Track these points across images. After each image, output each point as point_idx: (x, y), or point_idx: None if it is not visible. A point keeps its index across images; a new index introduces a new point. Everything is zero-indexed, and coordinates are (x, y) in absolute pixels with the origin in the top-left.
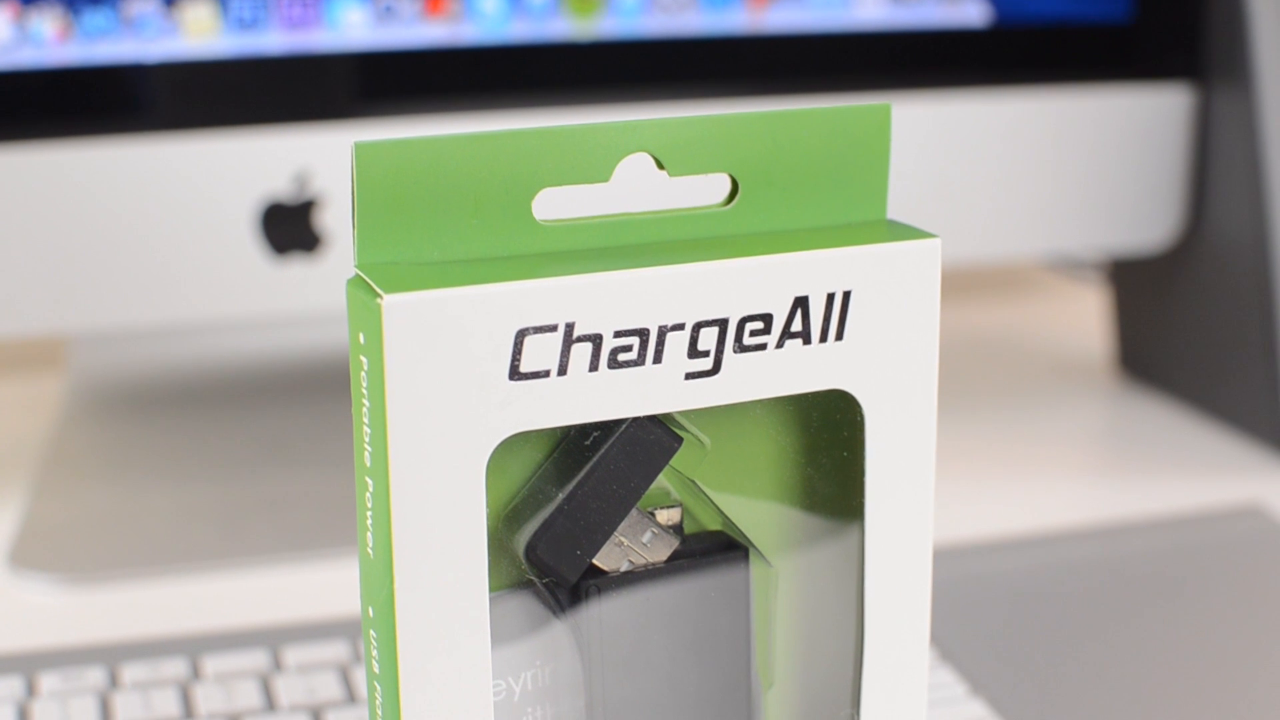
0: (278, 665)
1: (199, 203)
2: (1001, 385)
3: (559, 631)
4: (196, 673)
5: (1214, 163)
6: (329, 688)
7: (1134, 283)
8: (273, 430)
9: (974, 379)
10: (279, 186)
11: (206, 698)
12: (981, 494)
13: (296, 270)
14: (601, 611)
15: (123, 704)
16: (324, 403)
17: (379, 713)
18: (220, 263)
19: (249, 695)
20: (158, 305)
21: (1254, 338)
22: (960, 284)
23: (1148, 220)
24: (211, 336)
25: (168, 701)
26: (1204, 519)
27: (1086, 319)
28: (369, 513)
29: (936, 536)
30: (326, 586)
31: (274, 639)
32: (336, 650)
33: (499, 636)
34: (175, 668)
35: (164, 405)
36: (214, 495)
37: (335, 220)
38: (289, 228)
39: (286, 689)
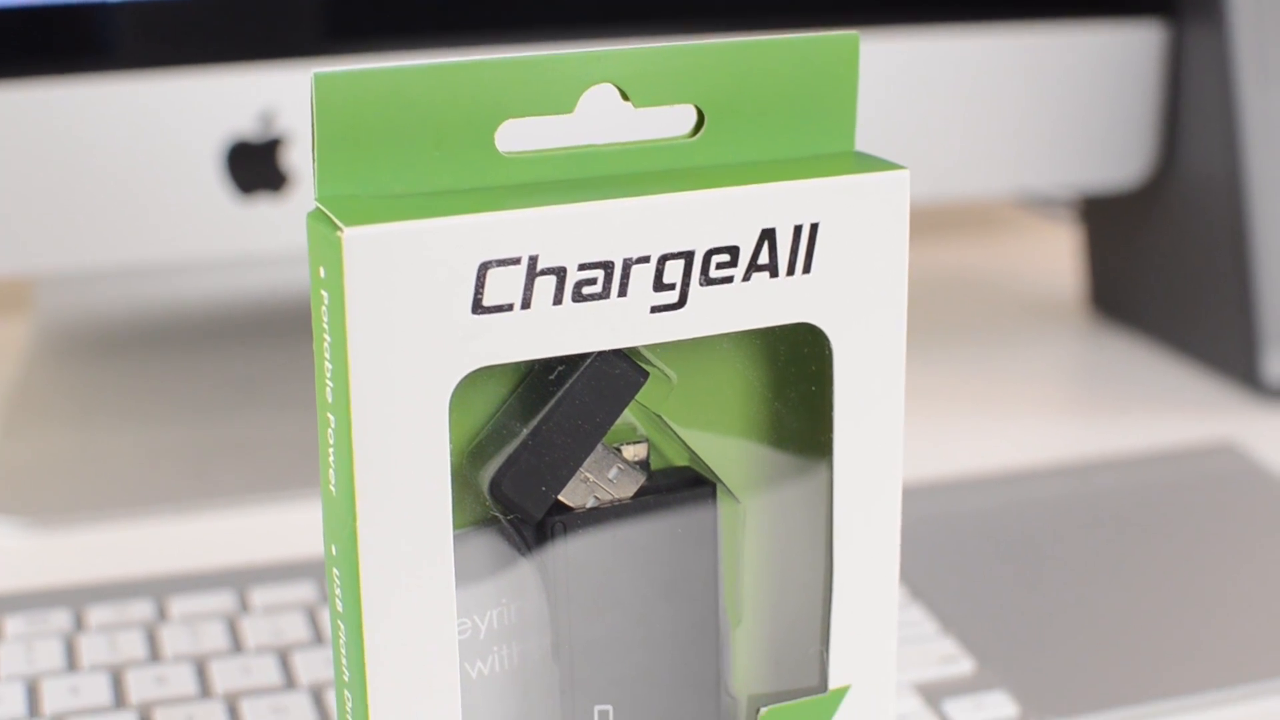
0: (244, 607)
1: (164, 142)
2: (973, 323)
3: (525, 569)
4: (163, 614)
5: (1186, 99)
6: (296, 629)
7: (1106, 220)
8: (240, 371)
9: (946, 317)
10: (244, 125)
11: (173, 639)
12: (954, 432)
13: (262, 209)
14: (567, 548)
15: (88, 646)
16: (291, 343)
17: (343, 651)
18: (186, 202)
19: (215, 637)
20: (123, 245)
21: (1226, 275)
22: (932, 222)
23: (1120, 157)
24: (178, 277)
25: (133, 644)
26: (1176, 456)
27: (1058, 257)
28: (331, 449)
29: (908, 474)
30: (294, 528)
31: (241, 580)
32: (303, 591)
33: (464, 574)
34: (141, 610)
35: (130, 347)
36: (181, 437)
37: (301, 159)
38: (255, 167)
39: (253, 630)
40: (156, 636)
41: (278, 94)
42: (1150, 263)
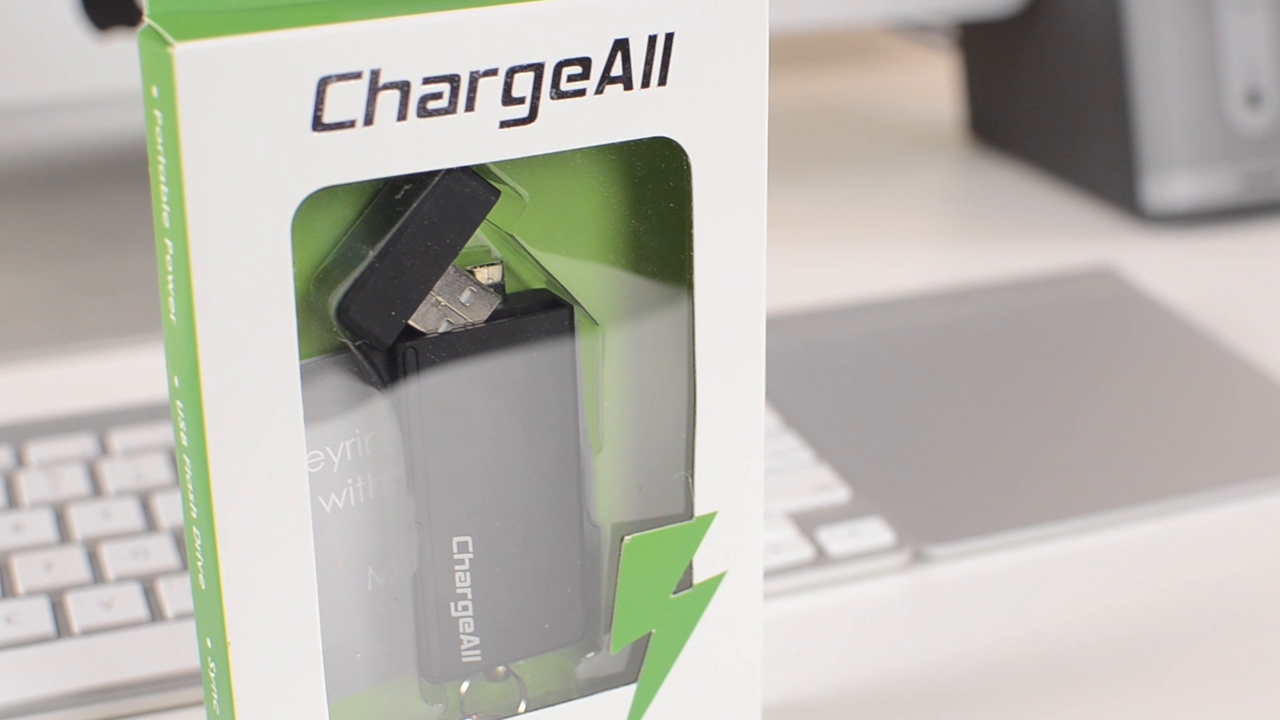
0: (104, 450)
1: None
2: (850, 153)
3: (377, 398)
4: (20, 461)
5: None
6: (157, 471)
7: (983, 47)
8: (100, 213)
9: (822, 147)
10: None
11: (30, 486)
12: (831, 260)
13: (120, 47)
14: (419, 375)
15: None
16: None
17: (189, 487)
18: (40, 41)
19: (75, 481)
20: None
21: (1104, 100)
22: (807, 52)
23: None
24: (34, 119)
25: None
26: (1055, 282)
27: (935, 85)
28: (170, 276)
29: (785, 302)
30: (155, 370)
31: (100, 424)
32: (164, 433)
33: (314, 405)
34: None
35: None
36: (40, 281)
37: None
38: (110, 2)
39: (113, 474)
40: (14, 483)
41: None
42: (1029, 90)
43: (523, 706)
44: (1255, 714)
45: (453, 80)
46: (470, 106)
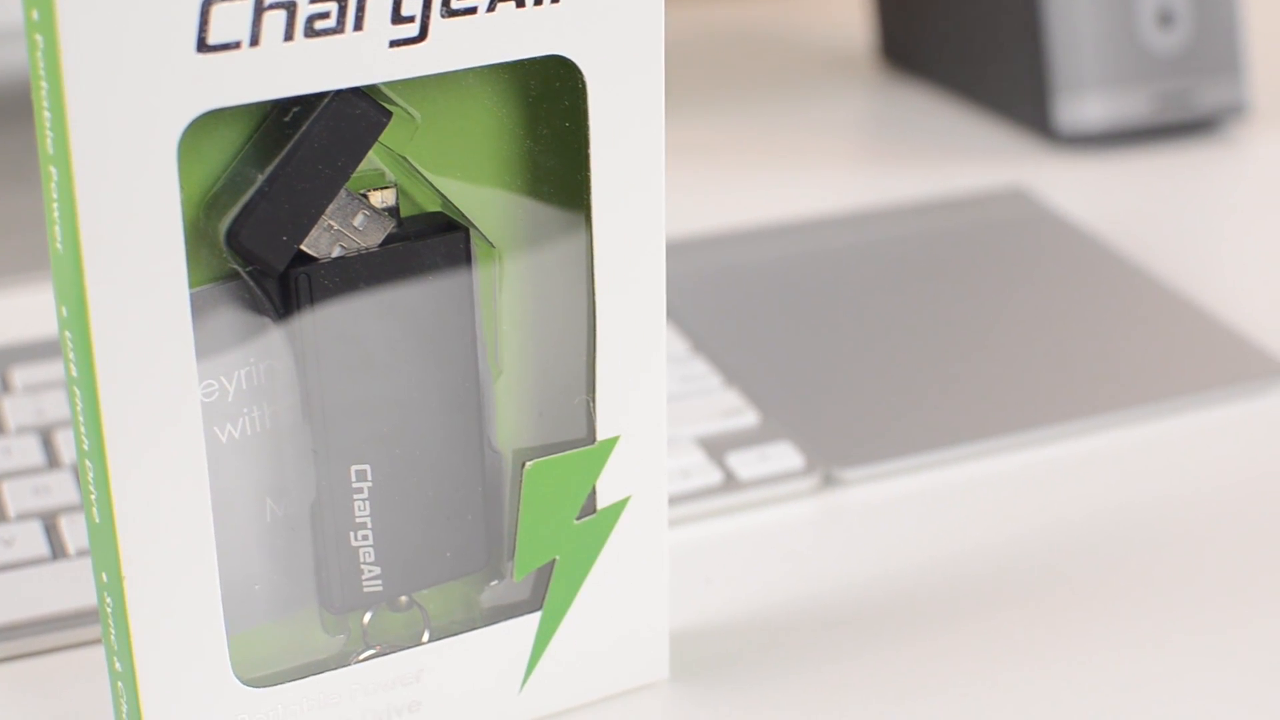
0: (5, 387)
1: None
2: (762, 77)
3: (271, 326)
4: None
5: None
6: (58, 407)
7: None
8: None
9: (734, 71)
10: None
11: None
12: (743, 184)
13: None
14: (313, 301)
15: None
16: None
17: (80, 419)
18: None
19: None
20: None
21: (1016, 21)
22: None
23: None
24: None
25: None
26: (967, 203)
27: (847, 8)
28: (55, 204)
29: (695, 226)
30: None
31: (0, 360)
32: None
33: (207, 334)
34: None
35: None
36: None
37: None
38: None
39: (13, 410)
40: None
41: None
42: (940, 12)
43: (426, 636)
44: (1170, 632)
45: None
46: (359, 26)
